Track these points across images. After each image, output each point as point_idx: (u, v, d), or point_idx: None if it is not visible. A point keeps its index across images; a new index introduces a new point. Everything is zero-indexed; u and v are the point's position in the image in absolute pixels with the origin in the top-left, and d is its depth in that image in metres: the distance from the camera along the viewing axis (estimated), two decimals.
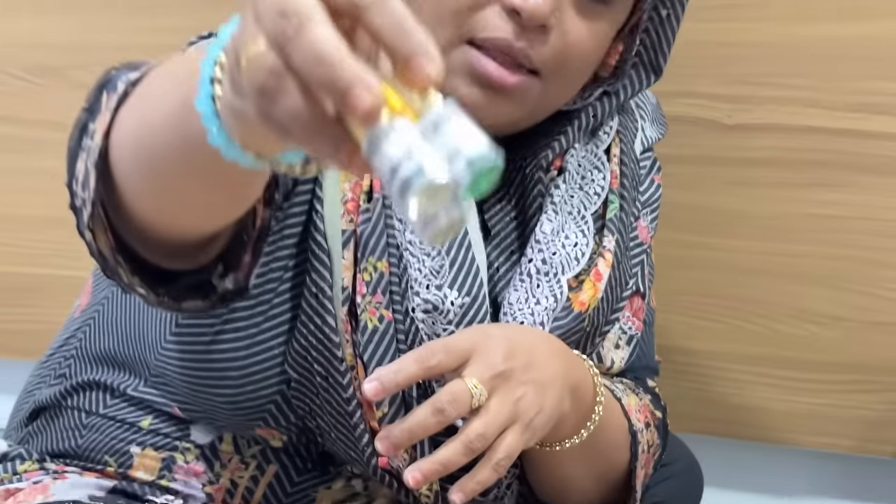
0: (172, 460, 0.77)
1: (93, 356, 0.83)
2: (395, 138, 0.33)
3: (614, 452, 0.77)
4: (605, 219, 0.81)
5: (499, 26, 0.68)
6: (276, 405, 0.73)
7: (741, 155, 1.10)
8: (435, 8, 0.69)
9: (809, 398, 1.13)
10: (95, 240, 0.56)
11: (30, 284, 1.35)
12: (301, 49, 0.33)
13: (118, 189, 0.56)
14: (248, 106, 0.37)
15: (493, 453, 0.63)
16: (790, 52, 1.07)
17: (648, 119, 0.88)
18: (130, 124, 0.53)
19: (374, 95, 0.32)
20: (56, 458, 0.79)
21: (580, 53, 0.71)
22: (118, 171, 0.55)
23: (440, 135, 0.34)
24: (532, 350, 0.69)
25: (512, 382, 0.66)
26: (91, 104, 0.58)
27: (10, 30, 1.32)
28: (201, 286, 0.61)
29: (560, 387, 0.68)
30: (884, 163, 1.07)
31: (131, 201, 0.56)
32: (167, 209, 0.56)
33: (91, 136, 0.56)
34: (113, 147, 0.55)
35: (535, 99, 0.72)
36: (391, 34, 0.35)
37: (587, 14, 0.70)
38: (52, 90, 1.29)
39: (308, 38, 0.33)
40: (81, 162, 0.57)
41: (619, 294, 0.81)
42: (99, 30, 1.30)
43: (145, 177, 0.54)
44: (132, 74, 0.57)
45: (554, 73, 0.71)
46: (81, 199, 0.56)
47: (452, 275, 0.74)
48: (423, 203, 0.33)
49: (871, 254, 1.11)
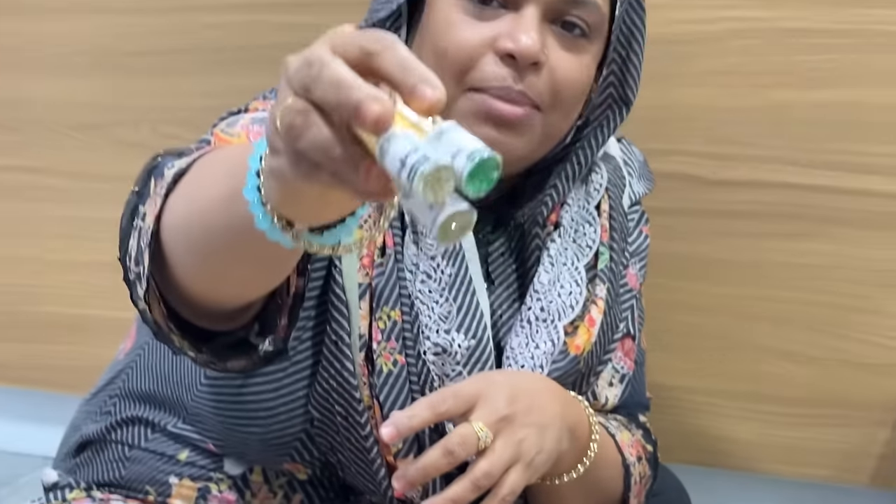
0: (207, 490, 0.81)
1: (135, 395, 0.87)
2: (403, 138, 0.36)
3: (609, 484, 0.81)
4: (597, 269, 0.84)
5: (497, 74, 0.72)
6: (301, 442, 0.77)
7: (725, 208, 1.15)
8: (436, 61, 0.74)
9: (788, 431, 1.17)
10: (150, 310, 0.61)
11: (75, 324, 1.41)
12: (322, 82, 0.38)
13: (167, 264, 0.61)
14: (282, 160, 0.41)
15: (499, 489, 0.67)
16: (771, 115, 1.12)
17: (636, 176, 0.92)
18: (181, 210, 0.58)
19: (382, 105, 0.36)
20: (102, 487, 0.84)
21: (570, 83, 0.76)
22: (168, 250, 0.60)
23: (443, 141, 0.37)
24: (532, 394, 0.73)
25: (515, 425, 0.69)
26: (140, 188, 0.63)
27: (58, 91, 1.38)
28: (239, 344, 0.65)
29: (559, 427, 0.72)
30: (856, 216, 1.11)
31: (179, 275, 0.61)
32: (213, 282, 0.60)
33: (142, 217, 0.61)
34: (164, 229, 0.59)
35: (539, 130, 0.76)
36: (398, 71, 0.39)
37: (570, 48, 0.75)
38: (95, 146, 1.35)
39: (327, 72, 0.38)
40: (133, 240, 0.61)
41: (611, 337, 0.84)
42: (137, 92, 1.36)
43: (194, 256, 0.59)
44: (178, 162, 0.61)
45: (551, 105, 0.75)
46: (135, 273, 0.61)
47: (459, 320, 0.78)
48: (428, 187, 0.36)
49: (845, 299, 1.15)
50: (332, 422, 0.75)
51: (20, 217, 1.44)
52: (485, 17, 0.73)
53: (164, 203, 0.58)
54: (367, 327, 0.75)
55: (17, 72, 1.41)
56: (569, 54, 0.74)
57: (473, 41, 0.72)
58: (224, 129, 0.76)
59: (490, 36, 0.72)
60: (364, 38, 0.40)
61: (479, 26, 0.72)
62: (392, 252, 0.77)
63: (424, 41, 0.76)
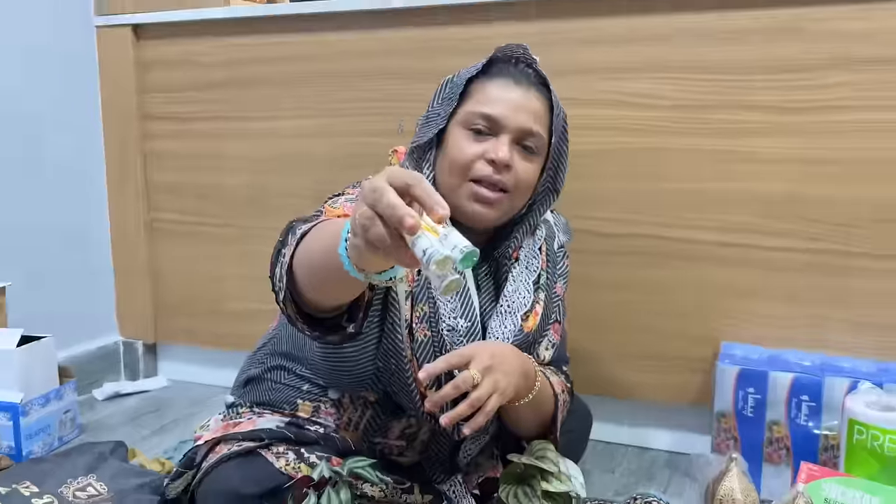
0: (318, 407, 1.03)
1: (278, 352, 1.09)
2: (425, 238, 0.50)
3: (546, 405, 1.01)
4: (539, 283, 1.05)
5: (485, 170, 0.94)
6: (372, 380, 0.97)
7: (610, 249, 1.44)
8: (450, 166, 0.96)
9: (644, 374, 1.43)
10: (286, 308, 0.80)
11: (244, 310, 1.74)
12: (382, 203, 0.54)
13: (296, 283, 0.77)
14: (359, 240, 0.57)
15: (485, 407, 0.85)
16: (638, 196, 1.40)
17: (561, 231, 1.15)
18: (304, 257, 0.75)
19: (414, 219, 0.51)
20: (259, 406, 1.07)
21: (525, 179, 0.97)
22: (297, 276, 0.77)
23: (447, 241, 0.51)
24: (504, 355, 0.90)
25: (493, 371, 0.87)
26: (283, 238, 0.82)
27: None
28: (335, 327, 0.81)
29: (518, 373, 0.90)
30: (687, 254, 1.37)
31: (303, 289, 0.77)
32: (320, 294, 0.77)
33: (283, 255, 0.79)
34: (295, 265, 0.76)
35: (507, 206, 0.97)
36: (425, 197, 0.56)
37: (526, 158, 0.97)
38: (264, 212, 1.73)
39: (386, 198, 0.54)
40: (278, 268, 0.80)
41: (547, 322, 1.07)
42: (290, 181, 1.68)
43: (312, 280, 0.75)
44: (304, 226, 0.79)
45: (514, 191, 0.96)
46: (278, 287, 0.79)
47: (461, 311, 0.98)
48: (438, 268, 0.49)
49: (679, 300, 1.40)
50: (388, 368, 0.95)
51: (216, 252, 1.77)
52: (479, 140, 0.96)
53: (294, 250, 0.76)
54: (409, 315, 0.93)
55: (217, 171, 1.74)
56: (525, 162, 0.97)
57: (472, 153, 0.95)
58: (330, 204, 0.97)
59: (482, 150, 0.95)
60: (406, 176, 0.57)
61: (475, 145, 0.96)
62: (423, 276, 0.96)
63: (445, 154, 0.98)
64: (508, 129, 0.95)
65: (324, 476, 0.86)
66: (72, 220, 1.80)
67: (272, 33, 1.63)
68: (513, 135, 0.95)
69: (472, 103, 0.97)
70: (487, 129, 0.95)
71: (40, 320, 1.58)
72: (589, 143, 1.40)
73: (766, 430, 1.25)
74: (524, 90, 0.96)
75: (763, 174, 1.32)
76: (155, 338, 1.88)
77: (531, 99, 0.96)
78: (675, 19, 1.33)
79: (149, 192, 1.80)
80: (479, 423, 0.83)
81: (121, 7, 1.75)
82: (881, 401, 1.11)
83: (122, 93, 1.78)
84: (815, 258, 1.31)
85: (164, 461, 1.31)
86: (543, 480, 0.93)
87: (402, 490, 0.96)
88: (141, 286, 1.85)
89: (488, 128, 0.95)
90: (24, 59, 1.67)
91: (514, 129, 0.95)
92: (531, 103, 0.96)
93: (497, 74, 0.98)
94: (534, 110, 0.96)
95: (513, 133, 0.95)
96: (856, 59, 1.24)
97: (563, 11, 1.39)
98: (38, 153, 1.72)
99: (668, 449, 1.48)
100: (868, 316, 1.29)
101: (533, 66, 1.00)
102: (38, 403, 1.42)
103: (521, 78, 0.97)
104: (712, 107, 1.33)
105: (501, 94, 0.96)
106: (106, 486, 1.15)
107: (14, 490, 1.11)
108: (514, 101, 0.95)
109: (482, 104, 0.96)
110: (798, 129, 1.29)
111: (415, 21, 1.50)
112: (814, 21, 1.26)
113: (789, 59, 1.28)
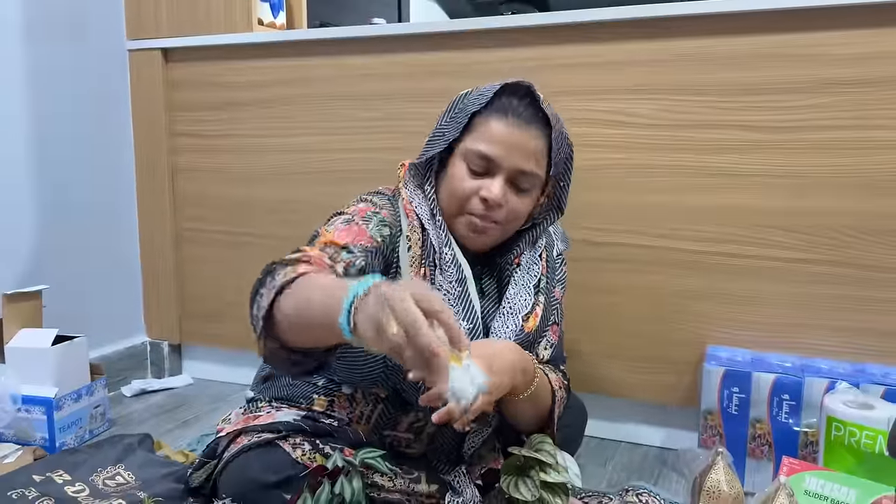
0: (332, 401, 1.06)
1: None
2: (454, 373, 0.63)
3: (544, 400, 1.02)
4: (539, 287, 1.09)
5: (479, 207, 0.99)
6: (382, 377, 1.00)
7: (604, 257, 1.50)
8: (450, 196, 1.01)
9: (636, 374, 1.48)
10: (263, 346, 0.84)
11: None
12: (420, 340, 0.61)
13: (275, 326, 0.82)
14: (381, 341, 0.63)
15: (471, 406, 0.76)
16: (627, 209, 1.46)
17: (559, 240, 1.18)
18: (290, 306, 0.79)
19: (444, 351, 0.61)
20: (277, 401, 1.10)
21: (517, 214, 1.03)
22: (278, 321, 0.81)
23: (469, 371, 0.64)
24: (495, 355, 0.91)
25: (491, 374, 0.85)
26: (262, 278, 0.85)
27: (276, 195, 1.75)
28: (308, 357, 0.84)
29: (513, 370, 0.92)
30: (670, 261, 1.43)
31: (282, 332, 0.82)
32: (300, 340, 0.81)
33: (261, 297, 0.83)
34: (277, 310, 0.80)
35: (498, 234, 1.03)
36: (448, 324, 0.65)
37: (519, 195, 1.02)
38: (282, 222, 1.76)
39: (423, 334, 0.61)
40: (255, 309, 0.84)
41: (546, 324, 1.09)
42: (323, 197, 1.71)
43: (295, 329, 0.80)
44: (285, 270, 0.83)
45: (506, 224, 1.02)
46: (254, 326, 0.85)
47: (463, 314, 1.01)
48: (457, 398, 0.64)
49: (667, 304, 1.45)
50: (396, 367, 0.97)
51: (237, 259, 1.83)
52: (476, 177, 1.00)
53: (274, 298, 0.80)
54: None
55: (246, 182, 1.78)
56: (517, 198, 1.02)
57: (469, 189, 1.00)
58: (326, 227, 1.00)
59: (478, 186, 0.99)
60: (435, 301, 0.64)
61: (472, 181, 1.00)
62: (429, 282, 1.00)
63: (447, 181, 1.03)
64: (503, 169, 0.98)
65: (337, 465, 0.89)
66: (104, 228, 1.88)
67: (290, 57, 1.71)
68: (507, 174, 0.99)
69: (473, 138, 1.00)
70: (484, 168, 0.99)
71: (74, 321, 1.66)
72: (584, 159, 1.44)
73: (749, 427, 1.30)
74: (523, 130, 0.98)
75: (743, 188, 1.37)
76: (180, 339, 1.93)
77: (530, 139, 0.98)
78: (667, 45, 1.40)
79: (176, 203, 1.87)
80: (464, 421, 0.80)
81: (152, 32, 1.84)
82: (858, 400, 1.16)
83: (152, 111, 1.86)
84: (794, 266, 1.36)
85: (188, 453, 1.36)
86: (542, 471, 0.94)
87: (410, 479, 0.98)
88: (167, 291, 1.91)
89: (485, 167, 0.99)
90: (63, 79, 1.76)
91: (509, 168, 0.99)
92: (529, 143, 0.98)
93: (500, 110, 0.99)
94: (531, 150, 0.99)
95: (507, 172, 0.99)
96: (833, 82, 1.30)
97: (558, 38, 1.46)
98: (75, 165, 1.80)
99: (658, 445, 1.51)
100: (844, 320, 1.34)
101: (538, 100, 1.01)
102: (70, 398, 1.48)
103: (522, 116, 0.99)
104: (695, 126, 1.39)
105: (500, 133, 0.98)
106: (133, 476, 1.19)
107: (48, 478, 1.15)
108: (512, 141, 0.97)
109: (481, 142, 0.99)
110: (776, 147, 1.35)
111: (416, 46, 1.57)
112: (798, 46, 1.32)
113: (769, 82, 1.34)
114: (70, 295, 1.76)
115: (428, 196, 1.05)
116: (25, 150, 1.66)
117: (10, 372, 1.40)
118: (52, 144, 1.73)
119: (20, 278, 1.66)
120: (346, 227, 0.96)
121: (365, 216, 1.01)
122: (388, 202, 1.06)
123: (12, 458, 1.31)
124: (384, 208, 1.04)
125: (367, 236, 0.98)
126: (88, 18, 1.78)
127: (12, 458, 1.32)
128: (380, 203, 1.05)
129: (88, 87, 1.80)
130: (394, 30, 1.60)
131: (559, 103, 1.21)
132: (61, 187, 1.75)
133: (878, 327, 1.31)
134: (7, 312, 1.48)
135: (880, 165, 1.29)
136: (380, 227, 1.00)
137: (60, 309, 1.65)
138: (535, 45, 1.47)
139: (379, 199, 1.06)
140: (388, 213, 1.03)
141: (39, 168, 1.70)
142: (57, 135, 1.74)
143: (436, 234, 1.03)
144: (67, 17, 1.73)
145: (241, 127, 1.78)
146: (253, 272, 0.72)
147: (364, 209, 1.03)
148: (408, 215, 1.03)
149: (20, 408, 1.41)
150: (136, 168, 1.90)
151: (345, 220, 0.99)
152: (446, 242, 1.03)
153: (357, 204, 1.04)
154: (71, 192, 1.78)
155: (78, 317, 1.74)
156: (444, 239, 1.03)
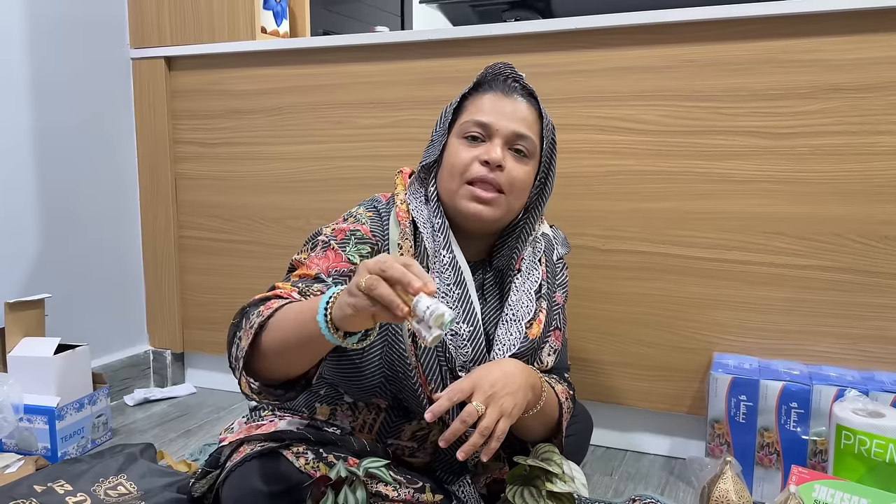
0: (335, 410, 1.06)
1: None
2: (427, 299, 0.66)
3: (552, 413, 1.03)
4: (541, 293, 1.08)
5: (480, 170, 0.99)
6: (381, 387, 1.00)
7: (607, 264, 1.48)
8: (449, 171, 1.01)
9: (644, 383, 1.46)
10: (242, 384, 0.86)
11: None
12: (391, 270, 0.67)
13: (258, 361, 0.83)
14: (360, 298, 0.67)
15: (495, 432, 0.87)
16: (632, 215, 1.46)
17: (560, 244, 1.18)
18: (270, 338, 0.81)
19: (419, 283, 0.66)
20: (280, 410, 1.09)
21: (519, 180, 1.02)
22: (260, 355, 0.82)
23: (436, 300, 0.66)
24: (506, 375, 0.91)
25: (496, 397, 0.88)
26: (238, 321, 0.88)
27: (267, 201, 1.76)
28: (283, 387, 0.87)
29: (524, 390, 0.92)
30: (681, 268, 1.42)
31: (264, 367, 0.84)
32: (283, 366, 0.83)
33: (239, 339, 0.85)
34: (256, 348, 0.82)
35: (504, 205, 1.00)
36: (421, 273, 0.68)
37: (519, 161, 1.02)
38: (284, 231, 1.77)
39: (393, 267, 0.67)
40: (234, 348, 0.86)
41: (549, 329, 1.08)
42: (301, 202, 1.72)
43: (278, 356, 0.81)
44: (261, 309, 0.84)
45: (509, 192, 1.00)
46: (234, 367, 0.86)
47: (463, 317, 1.01)
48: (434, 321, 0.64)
49: (672, 312, 1.43)
50: (395, 376, 0.98)
51: (240, 268, 1.82)
52: (473, 146, 1.01)
53: (255, 337, 0.81)
54: None
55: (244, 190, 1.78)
56: (517, 164, 1.02)
57: (468, 157, 1.01)
58: (300, 258, 1.01)
59: (476, 153, 1.00)
60: (403, 259, 0.68)
61: (471, 150, 1.01)
62: None
63: (445, 164, 1.04)
64: (500, 134, 1.01)
65: (341, 475, 0.87)
66: (107, 237, 1.88)
67: (294, 65, 1.71)
68: (505, 138, 1.01)
69: (467, 115, 1.03)
70: (481, 135, 1.01)
71: (76, 330, 1.67)
72: (590, 165, 1.45)
73: (757, 436, 1.28)
74: (514, 100, 1.02)
75: (751, 194, 1.37)
76: (182, 348, 1.93)
77: (521, 108, 1.02)
78: (672, 51, 1.40)
79: (178, 212, 1.87)
80: (492, 449, 0.85)
81: (155, 41, 1.85)
82: (867, 408, 1.15)
83: (156, 119, 1.86)
84: (801, 273, 1.35)
85: (190, 462, 1.35)
86: (548, 481, 0.94)
87: (414, 490, 0.97)
88: (170, 300, 1.91)
89: (482, 134, 1.01)
90: (66, 87, 1.76)
91: (506, 132, 1.01)
92: (521, 111, 1.02)
93: (488, 89, 1.04)
94: (524, 117, 1.02)
95: (505, 137, 1.01)
96: (838, 87, 1.30)
97: (562, 44, 1.46)
98: (78, 174, 1.80)
99: (665, 453, 1.50)
100: (852, 327, 1.33)
101: (520, 80, 1.06)
102: (72, 408, 1.47)
103: (510, 91, 1.03)
104: (702, 132, 1.38)
105: (493, 104, 1.02)
106: (135, 485, 1.18)
107: (49, 488, 1.15)
108: (505, 109, 1.01)
109: (475, 114, 1.02)
110: (783, 153, 1.34)
111: (418, 54, 1.57)
112: (803, 52, 1.32)
113: (774, 87, 1.34)
114: (73, 304, 1.76)
115: (430, 198, 1.06)
116: (29, 158, 1.67)
117: (12, 381, 1.40)
118: (56, 153, 1.73)
119: (23, 287, 1.66)
120: (323, 255, 0.98)
121: (342, 239, 1.01)
122: (376, 213, 1.06)
123: (14, 468, 1.31)
124: (367, 223, 1.04)
125: (344, 260, 0.98)
126: (92, 27, 1.79)
127: (14, 467, 1.32)
128: (363, 218, 1.05)
129: (92, 96, 1.81)
130: (397, 38, 1.60)
131: (565, 109, 1.24)
132: (64, 196, 1.76)
133: (887, 334, 1.31)
134: (9, 321, 1.48)
135: (887, 171, 1.28)
136: (358, 248, 1.01)
137: (63, 318, 1.66)
138: (538, 51, 1.48)
139: (365, 211, 1.06)
140: (368, 229, 1.03)
141: (42, 176, 1.70)
142: (60, 143, 1.74)
143: (432, 238, 1.02)
144: (71, 26, 1.74)
145: (245, 135, 1.78)
146: (257, 281, 0.73)
147: (343, 229, 1.03)
148: (400, 223, 1.03)
149: (22, 417, 1.41)
150: (139, 176, 1.91)
151: (322, 246, 1.00)
152: (445, 245, 1.03)
153: (338, 223, 1.05)
154: (74, 201, 1.79)
155: (80, 326, 1.74)
156: (442, 242, 1.03)
